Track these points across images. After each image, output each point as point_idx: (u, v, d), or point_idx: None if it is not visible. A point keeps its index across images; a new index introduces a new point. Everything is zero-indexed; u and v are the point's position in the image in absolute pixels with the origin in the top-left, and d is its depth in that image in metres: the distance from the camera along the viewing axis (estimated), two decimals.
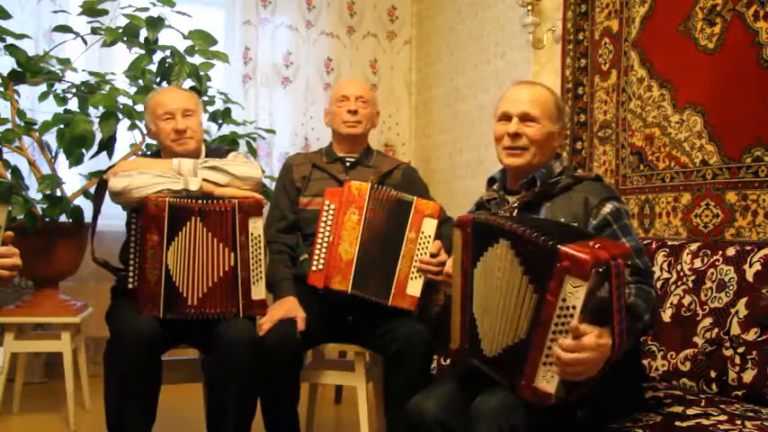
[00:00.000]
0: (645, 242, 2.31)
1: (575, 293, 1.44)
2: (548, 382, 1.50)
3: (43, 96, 3.08)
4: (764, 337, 1.84)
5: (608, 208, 1.76)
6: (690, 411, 1.71)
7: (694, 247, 2.17)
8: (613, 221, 1.75)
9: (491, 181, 2.01)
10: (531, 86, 1.95)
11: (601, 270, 1.43)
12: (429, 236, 2.33)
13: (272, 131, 3.84)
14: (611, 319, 1.47)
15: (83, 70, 3.24)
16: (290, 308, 2.29)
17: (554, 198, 1.83)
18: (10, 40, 2.99)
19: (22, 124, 2.98)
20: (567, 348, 1.45)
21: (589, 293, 1.44)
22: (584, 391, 1.52)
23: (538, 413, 1.55)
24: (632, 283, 1.67)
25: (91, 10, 3.05)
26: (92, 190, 2.94)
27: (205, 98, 3.23)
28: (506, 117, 1.89)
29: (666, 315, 2.14)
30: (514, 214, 1.83)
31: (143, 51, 3.11)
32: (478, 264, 1.69)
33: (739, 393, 1.86)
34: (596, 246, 1.48)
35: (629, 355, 1.77)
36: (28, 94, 3.40)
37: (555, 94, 1.95)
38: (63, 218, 2.96)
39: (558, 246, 1.47)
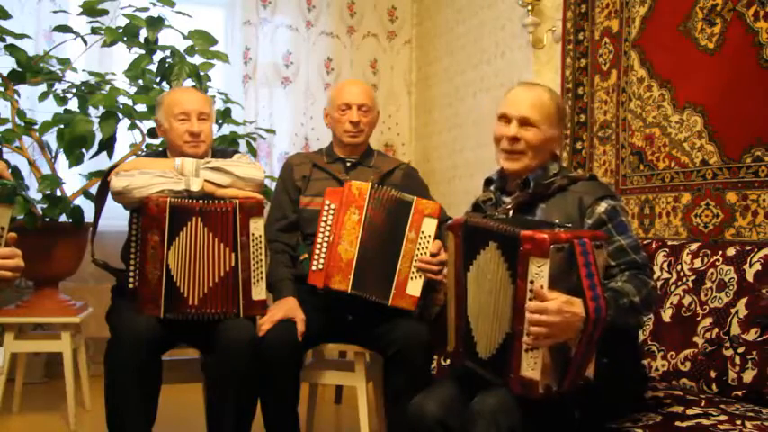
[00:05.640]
0: (645, 242, 2.32)
1: (540, 273, 1.49)
2: (532, 369, 1.51)
3: (43, 96, 3.08)
4: (764, 337, 1.85)
5: (602, 207, 1.76)
6: (690, 411, 1.71)
7: (694, 247, 2.17)
8: (608, 220, 1.75)
9: (488, 182, 2.01)
10: (532, 89, 1.91)
11: (561, 247, 1.49)
12: (429, 236, 2.33)
13: (272, 131, 3.84)
14: (583, 293, 1.49)
15: (83, 70, 3.24)
16: (289, 308, 2.29)
17: (549, 199, 1.83)
18: (10, 40, 2.99)
19: (22, 124, 2.98)
20: (531, 310, 1.49)
21: (553, 270, 1.48)
22: (577, 382, 1.52)
23: (536, 413, 1.55)
24: (627, 275, 1.68)
25: (91, 10, 3.05)
26: (92, 190, 2.94)
27: None
28: (506, 118, 1.87)
29: (666, 315, 2.14)
30: (509, 215, 1.83)
31: (143, 51, 3.11)
32: (471, 267, 1.70)
33: (739, 393, 1.87)
34: (560, 230, 1.53)
35: (629, 355, 1.78)
36: (28, 94, 3.40)
37: (557, 97, 1.92)
38: (63, 218, 2.96)
39: (520, 231, 1.52)
